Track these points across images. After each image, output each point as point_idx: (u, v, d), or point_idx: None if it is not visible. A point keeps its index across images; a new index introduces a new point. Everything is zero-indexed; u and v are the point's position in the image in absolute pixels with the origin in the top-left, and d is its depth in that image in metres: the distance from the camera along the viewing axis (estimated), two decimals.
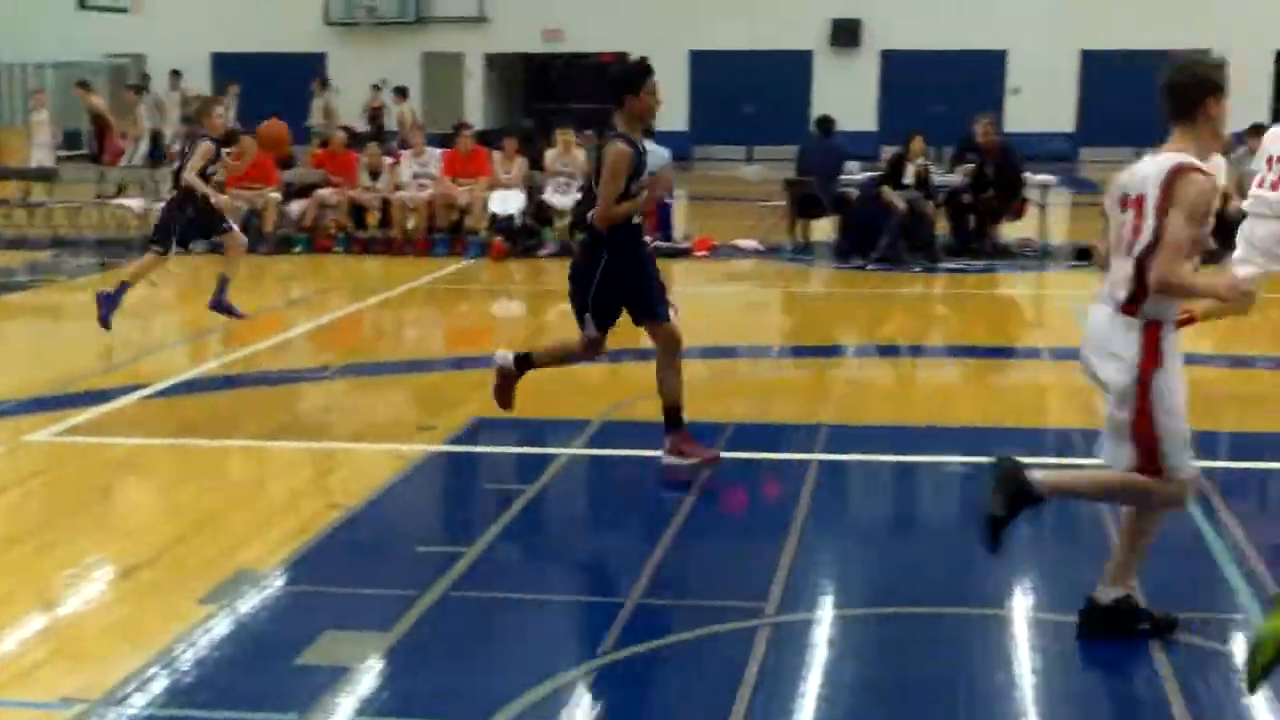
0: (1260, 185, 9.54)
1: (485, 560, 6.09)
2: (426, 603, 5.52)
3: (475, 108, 32.11)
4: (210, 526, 6.54)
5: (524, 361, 7.54)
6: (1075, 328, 12.03)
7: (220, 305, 11.13)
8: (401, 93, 28.17)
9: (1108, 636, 5.13)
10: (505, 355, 7.57)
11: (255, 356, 10.77)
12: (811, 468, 7.56)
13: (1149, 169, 5.00)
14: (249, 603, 5.54)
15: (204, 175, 10.94)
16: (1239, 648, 5.16)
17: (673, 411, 7.28)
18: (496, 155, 16.88)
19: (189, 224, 11.06)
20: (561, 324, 12.21)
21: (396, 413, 9.19)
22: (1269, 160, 9.50)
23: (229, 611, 5.42)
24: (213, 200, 11.09)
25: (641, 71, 7.12)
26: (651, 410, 8.98)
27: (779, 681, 4.87)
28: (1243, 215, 9.79)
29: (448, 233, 16.53)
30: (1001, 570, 6.08)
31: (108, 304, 10.83)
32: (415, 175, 16.86)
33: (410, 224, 16.70)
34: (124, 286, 11.02)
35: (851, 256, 15.57)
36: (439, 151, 17.31)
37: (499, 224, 16.32)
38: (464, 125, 17.94)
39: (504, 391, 7.58)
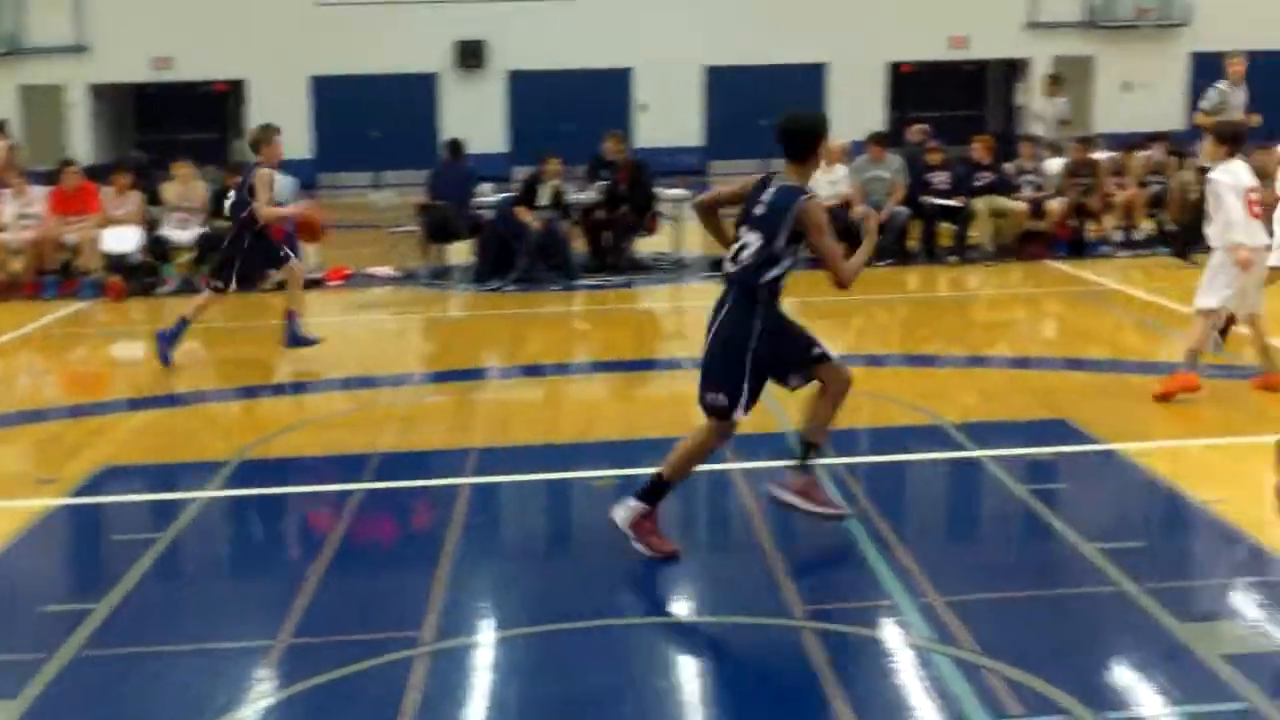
0: None
1: (119, 615, 5.84)
2: (57, 665, 5.26)
3: (82, 141, 30.76)
4: None
5: (656, 489, 6.41)
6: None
7: (296, 340, 11.41)
8: None
9: None
10: (627, 508, 6.36)
11: None
12: (462, 492, 7.56)
13: None
14: None
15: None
16: (888, 633, 5.44)
17: (808, 446, 6.62)
18: (108, 191, 16.23)
19: (247, 258, 11.28)
20: (188, 364, 11.83)
21: (12, 467, 8.71)
22: None
23: None
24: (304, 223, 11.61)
25: (824, 119, 6.59)
26: (292, 446, 8.84)
27: (439, 710, 4.85)
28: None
29: (58, 274, 15.80)
30: (657, 579, 6.23)
31: (165, 341, 11.15)
32: (19, 215, 16.04)
33: (16, 267, 15.87)
34: (183, 323, 11.27)
35: (489, 278, 15.64)
36: (44, 189, 16.51)
37: (114, 263, 15.70)
38: (68, 161, 17.18)
39: (655, 537, 6.38)
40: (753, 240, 6.30)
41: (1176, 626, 5.35)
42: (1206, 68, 31.52)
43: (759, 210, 6.32)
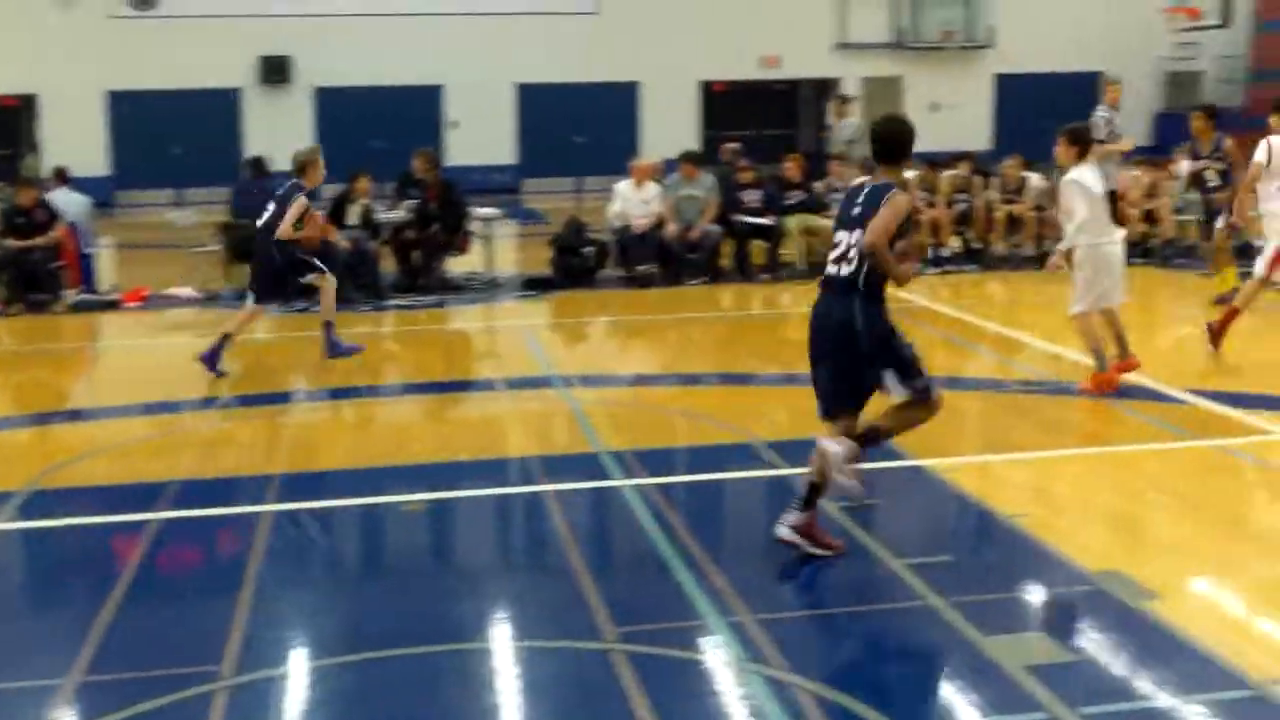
0: None
1: None
2: None
3: None
4: None
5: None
6: (527, 356, 12.50)
7: (336, 349, 11.53)
8: None
9: None
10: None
11: None
12: (265, 519, 7.43)
13: None
14: None
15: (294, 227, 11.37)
16: (699, 653, 5.48)
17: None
18: None
19: (280, 274, 11.49)
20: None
21: None
22: None
23: None
24: (309, 242, 11.62)
25: (911, 125, 6.91)
26: (88, 474, 8.59)
27: None
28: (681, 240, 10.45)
29: None
30: (470, 604, 6.20)
31: (335, 348, 11.50)
32: None
33: None
34: (334, 344, 11.54)
35: (294, 299, 15.38)
36: None
37: None
38: None
39: (819, 539, 6.62)
40: (857, 239, 6.57)
41: (981, 640, 5.49)
42: (1010, 89, 32.71)
43: (856, 211, 6.64)
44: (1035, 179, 17.61)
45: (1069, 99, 32.48)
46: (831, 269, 6.70)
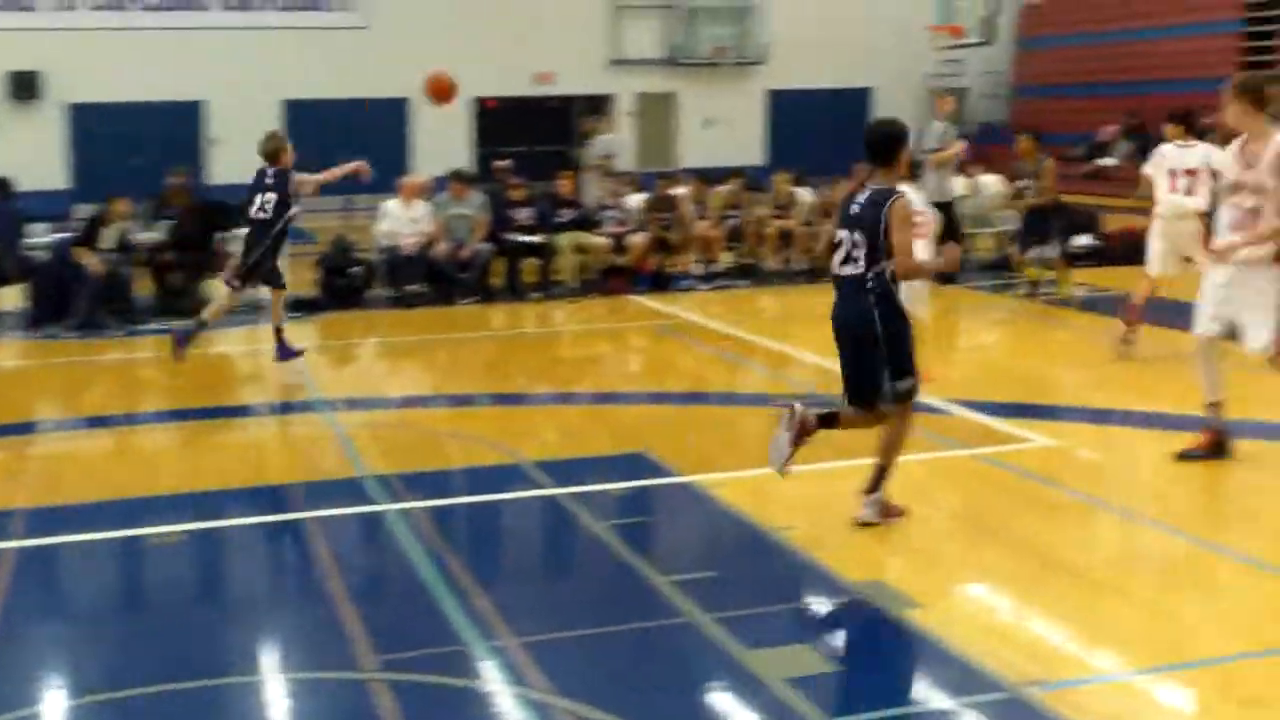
0: None
1: None
2: None
3: None
4: None
5: (880, 476, 7.31)
6: (291, 380, 12.28)
7: (287, 354, 12.15)
8: None
9: None
10: (871, 505, 7.27)
11: None
12: (7, 556, 7.17)
13: None
14: None
15: None
16: (461, 679, 5.45)
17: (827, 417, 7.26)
18: None
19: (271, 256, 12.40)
20: None
21: None
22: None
23: None
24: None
25: (904, 126, 7.30)
26: None
27: None
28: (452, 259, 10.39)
29: None
30: (228, 637, 6.08)
31: (283, 351, 12.17)
32: None
33: None
34: (277, 332, 12.23)
35: (44, 325, 14.91)
36: None
37: None
38: None
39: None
40: (859, 239, 6.98)
41: (744, 653, 5.58)
42: (782, 104, 33.37)
43: (855, 210, 7.04)
44: (805, 194, 17.98)
45: (839, 115, 33.38)
46: (837, 269, 7.15)
